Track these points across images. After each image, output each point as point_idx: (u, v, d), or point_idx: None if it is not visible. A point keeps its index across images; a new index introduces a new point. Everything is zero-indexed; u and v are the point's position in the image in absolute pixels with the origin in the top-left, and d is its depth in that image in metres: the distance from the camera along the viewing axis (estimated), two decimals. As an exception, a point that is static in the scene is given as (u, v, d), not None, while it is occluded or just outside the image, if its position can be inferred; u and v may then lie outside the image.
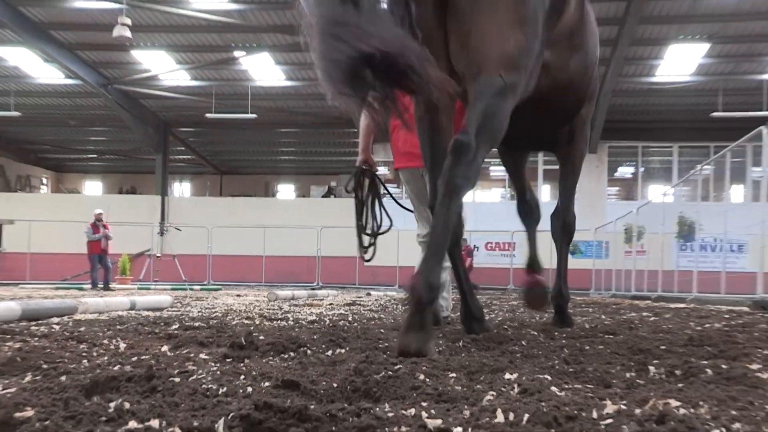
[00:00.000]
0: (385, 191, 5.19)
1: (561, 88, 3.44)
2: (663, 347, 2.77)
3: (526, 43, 2.91)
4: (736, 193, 25.35)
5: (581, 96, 3.79)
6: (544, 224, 4.34)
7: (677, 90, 22.84)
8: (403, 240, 23.66)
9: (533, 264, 4.40)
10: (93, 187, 36.81)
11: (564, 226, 4.19)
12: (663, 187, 24.23)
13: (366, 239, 4.88)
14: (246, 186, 33.97)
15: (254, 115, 24.58)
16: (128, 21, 17.71)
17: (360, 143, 5.17)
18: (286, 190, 35.97)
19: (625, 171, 28.73)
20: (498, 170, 28.43)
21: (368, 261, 4.92)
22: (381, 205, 4.99)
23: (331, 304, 8.20)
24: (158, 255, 25.15)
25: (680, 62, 21.18)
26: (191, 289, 15.90)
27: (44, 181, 35.63)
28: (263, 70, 22.75)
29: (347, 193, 5.01)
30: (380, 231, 4.94)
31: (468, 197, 3.46)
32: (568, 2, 3.36)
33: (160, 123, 27.98)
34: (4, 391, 1.68)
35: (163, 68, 22.72)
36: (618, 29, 18.76)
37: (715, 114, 22.98)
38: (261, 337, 2.96)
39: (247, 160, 33.87)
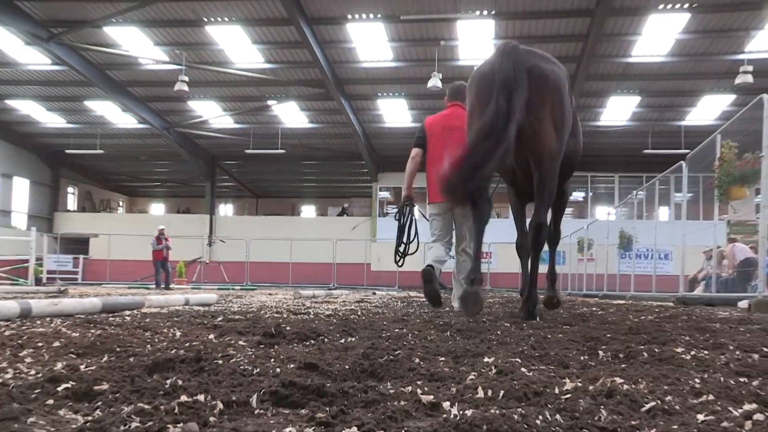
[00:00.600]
0: (423, 217, 5.68)
1: (568, 160, 4.14)
2: (609, 335, 2.73)
3: (565, 138, 3.93)
4: (663, 213, 25.28)
5: (575, 165, 4.59)
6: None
7: (617, 131, 22.90)
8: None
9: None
10: (157, 208, 36.89)
11: (552, 239, 4.78)
12: (607, 208, 24.19)
13: (400, 251, 5.54)
14: (276, 207, 33.99)
15: (283, 151, 24.66)
16: (186, 78, 17.85)
17: (405, 182, 5.57)
18: (308, 210, 35.98)
19: (577, 195, 28.65)
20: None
21: (400, 266, 5.56)
22: (416, 230, 5.54)
23: (344, 301, 8.16)
24: (207, 261, 25.13)
25: (618, 110, 21.27)
26: (233, 289, 15.85)
27: (121, 203, 35.79)
28: (291, 115, 22.86)
29: (395, 220, 5.67)
30: (412, 251, 5.47)
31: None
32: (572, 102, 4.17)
33: (209, 157, 28.08)
34: (86, 369, 1.66)
35: (212, 114, 22.85)
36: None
37: (646, 151, 23.07)
38: (287, 328, 2.93)
39: (277, 185, 33.93)
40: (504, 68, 3.60)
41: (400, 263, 5.48)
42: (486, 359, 1.94)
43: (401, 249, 5.50)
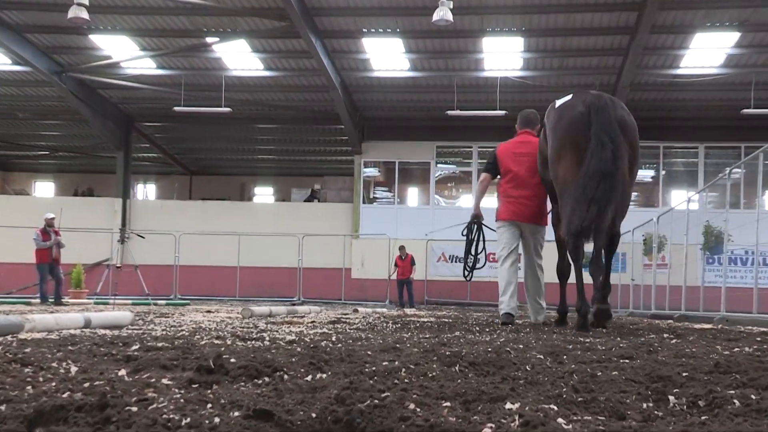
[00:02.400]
0: (489, 229, 8.86)
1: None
2: (685, 374, 2.77)
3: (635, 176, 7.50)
4: (769, 199, 25.51)
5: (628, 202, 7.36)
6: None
7: (704, 83, 22.96)
8: (395, 249, 23.81)
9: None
10: (44, 188, 36.63)
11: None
12: (687, 192, 24.33)
13: (469, 265, 8.94)
14: (219, 188, 33.90)
15: (228, 109, 24.56)
16: (85, 1, 17.65)
17: (474, 203, 9.10)
18: (264, 193, 35.95)
19: (644, 174, 28.76)
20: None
21: (469, 281, 9.37)
22: (484, 246, 8.87)
23: (312, 321, 8.18)
24: (118, 265, 25.04)
25: (707, 52, 21.29)
26: (155, 305, 15.84)
27: (-12, 180, 35.48)
28: (239, 58, 22.75)
29: (462, 236, 8.94)
30: (480, 266, 8.99)
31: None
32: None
33: (121, 116, 27.92)
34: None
35: (125, 55, 22.67)
36: (637, 15, 18.88)
37: (746, 111, 23.12)
38: (232, 360, 2.94)
39: (220, 159, 33.84)
40: (602, 117, 6.56)
41: (468, 278, 9.04)
42: (508, 405, 1.96)
43: (470, 263, 8.86)
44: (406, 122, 26.68)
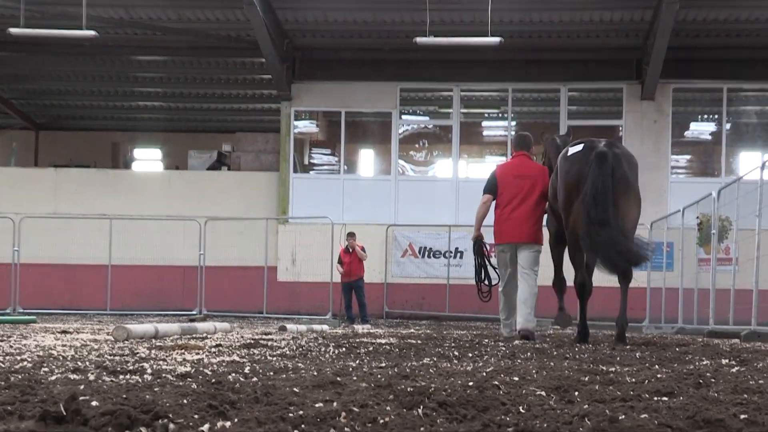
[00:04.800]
0: (488, 260, 12.78)
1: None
2: (744, 416, 2.83)
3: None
4: None
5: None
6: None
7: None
8: (341, 238, 23.75)
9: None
10: None
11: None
12: (761, 154, 24.63)
13: (485, 285, 12.68)
14: (79, 150, 33.49)
15: (93, 32, 24.24)
16: None
17: (476, 224, 12.47)
18: (147, 157, 35.62)
19: (700, 129, 29.09)
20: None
21: (486, 301, 13.04)
22: (490, 263, 12.68)
23: (218, 345, 8.18)
24: None
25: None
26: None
27: None
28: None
29: (474, 254, 13.05)
30: (494, 283, 12.67)
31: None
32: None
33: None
34: None
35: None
36: None
37: None
38: (94, 403, 2.94)
39: (80, 106, 33.44)
40: (604, 174, 10.43)
41: (486, 298, 12.88)
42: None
43: (485, 283, 12.68)
44: (357, 54, 26.59)
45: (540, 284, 12.21)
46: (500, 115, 28.50)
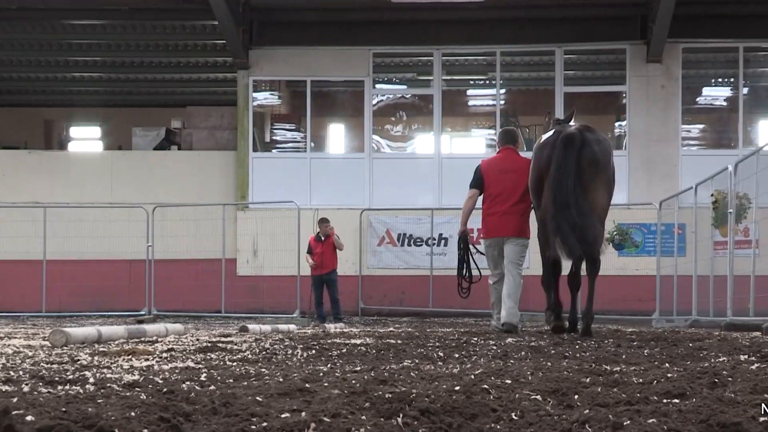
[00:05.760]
0: (476, 251, 14.32)
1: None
2: (764, 419, 2.86)
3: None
4: None
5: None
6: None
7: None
8: (310, 224, 23.78)
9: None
10: None
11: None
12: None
13: (466, 279, 14.27)
14: (6, 128, 33.38)
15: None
16: None
17: (462, 219, 14.00)
18: (85, 136, 35.47)
19: (714, 94, 29.17)
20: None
21: (465, 298, 14.50)
22: (474, 259, 14.20)
23: (170, 350, 8.19)
24: None
25: None
26: None
27: None
28: None
29: (458, 250, 14.60)
30: (476, 281, 14.25)
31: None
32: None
33: None
34: None
35: None
36: None
37: None
38: (29, 418, 2.96)
39: (7, 79, 33.24)
40: (568, 155, 11.85)
41: (465, 295, 14.24)
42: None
43: (466, 277, 14.16)
44: (324, 15, 26.58)
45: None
46: (487, 82, 28.55)
